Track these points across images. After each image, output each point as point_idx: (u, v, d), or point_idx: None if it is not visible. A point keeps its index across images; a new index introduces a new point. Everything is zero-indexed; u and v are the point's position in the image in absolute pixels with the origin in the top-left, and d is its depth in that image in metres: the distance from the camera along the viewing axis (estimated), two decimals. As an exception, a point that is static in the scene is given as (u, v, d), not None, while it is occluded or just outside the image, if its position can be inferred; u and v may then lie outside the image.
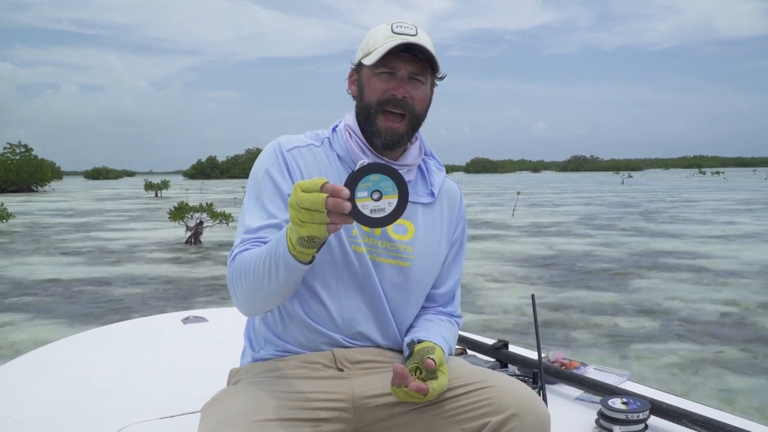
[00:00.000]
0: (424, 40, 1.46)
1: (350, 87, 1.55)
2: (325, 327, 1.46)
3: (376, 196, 1.18)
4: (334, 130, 1.57)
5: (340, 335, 1.47)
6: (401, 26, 1.47)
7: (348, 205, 1.14)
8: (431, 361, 1.33)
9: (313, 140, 1.54)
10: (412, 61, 1.45)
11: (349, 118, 1.55)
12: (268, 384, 1.39)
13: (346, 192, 1.14)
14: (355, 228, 1.46)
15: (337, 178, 1.49)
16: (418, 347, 1.41)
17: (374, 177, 1.18)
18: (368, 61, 1.46)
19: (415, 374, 1.34)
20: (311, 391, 1.39)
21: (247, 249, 1.39)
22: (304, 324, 1.46)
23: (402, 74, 1.46)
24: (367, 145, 1.50)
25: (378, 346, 1.51)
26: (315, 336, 1.46)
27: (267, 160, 1.50)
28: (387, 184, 1.18)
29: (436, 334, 1.48)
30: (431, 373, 1.33)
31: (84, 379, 2.10)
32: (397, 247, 1.49)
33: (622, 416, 1.62)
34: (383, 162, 1.24)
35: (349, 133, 1.52)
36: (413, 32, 1.46)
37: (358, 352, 1.48)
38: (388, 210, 1.19)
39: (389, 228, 1.48)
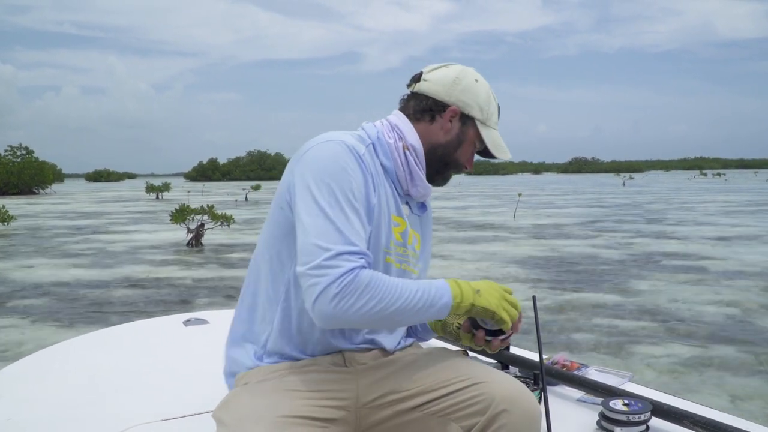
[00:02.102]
0: None
1: (446, 122, 1.54)
2: (334, 333, 1.46)
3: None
4: (378, 137, 1.52)
5: (349, 341, 1.48)
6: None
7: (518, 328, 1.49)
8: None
9: (362, 143, 1.48)
10: None
11: (413, 138, 1.52)
12: (278, 385, 1.40)
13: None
14: (392, 239, 1.49)
15: (382, 183, 1.47)
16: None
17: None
18: (484, 135, 1.55)
19: (459, 329, 1.53)
20: (320, 390, 1.40)
21: (364, 267, 1.31)
22: (313, 331, 1.45)
23: (474, 151, 1.60)
24: (424, 169, 1.55)
25: (383, 349, 1.53)
26: (324, 342, 1.46)
27: (349, 163, 1.40)
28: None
29: None
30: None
31: (85, 381, 2.10)
32: (416, 255, 1.57)
33: (623, 417, 1.61)
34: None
35: (412, 153, 1.52)
36: None
37: (366, 356, 1.49)
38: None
39: (410, 237, 1.55)
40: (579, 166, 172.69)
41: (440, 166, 1.56)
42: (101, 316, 7.33)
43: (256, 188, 48.95)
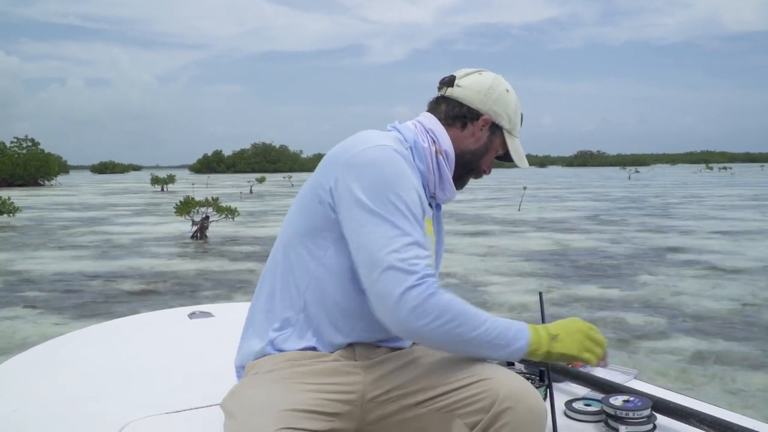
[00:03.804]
0: None
1: (477, 130, 1.57)
2: (349, 326, 1.46)
3: None
4: (414, 141, 1.52)
5: (363, 336, 1.47)
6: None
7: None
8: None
9: (403, 147, 1.48)
10: None
11: (446, 143, 1.55)
12: (287, 376, 1.39)
13: None
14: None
15: (420, 187, 1.46)
16: None
17: None
18: (510, 144, 1.60)
19: None
20: (327, 383, 1.39)
21: (439, 291, 1.33)
22: (329, 323, 1.45)
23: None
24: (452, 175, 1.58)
25: (399, 346, 1.52)
26: (340, 335, 1.46)
27: (407, 171, 1.41)
28: None
29: None
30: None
31: (90, 373, 2.10)
32: (431, 251, 1.56)
33: (621, 414, 1.60)
34: None
35: (445, 158, 1.55)
36: None
37: (376, 351, 1.49)
38: None
39: (432, 235, 1.58)
40: (584, 159, 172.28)
41: (463, 172, 1.60)
42: (106, 308, 7.35)
43: (261, 181, 49.03)
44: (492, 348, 1.34)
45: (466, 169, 1.60)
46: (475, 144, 1.57)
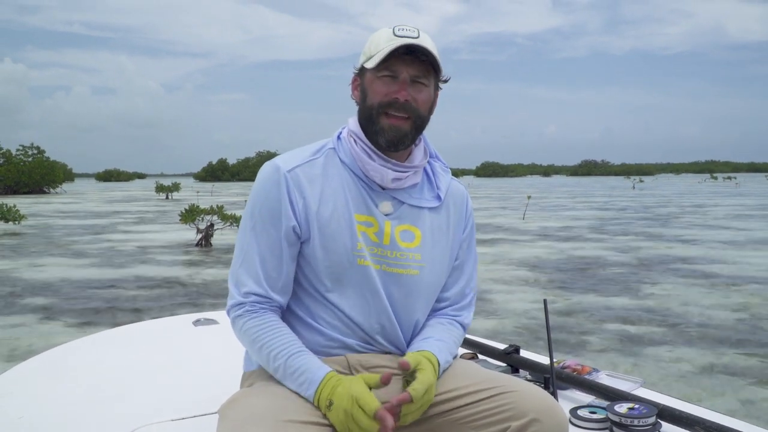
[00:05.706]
0: (426, 42, 1.45)
1: (353, 92, 1.54)
2: (338, 333, 1.46)
3: None
4: (338, 138, 1.55)
5: (354, 341, 1.47)
6: (403, 29, 1.46)
7: None
8: (406, 362, 1.36)
9: (312, 155, 1.51)
10: (414, 63, 1.45)
11: (353, 124, 1.54)
12: (283, 387, 1.39)
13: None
14: (361, 241, 1.46)
15: (340, 186, 1.48)
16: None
17: None
18: (370, 65, 1.46)
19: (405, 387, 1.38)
20: None
21: (254, 315, 1.45)
22: (318, 331, 1.46)
23: (404, 77, 1.45)
24: (373, 148, 1.49)
25: (389, 352, 1.51)
26: (328, 342, 1.46)
27: (268, 191, 1.47)
28: None
29: (430, 342, 1.49)
30: (410, 375, 1.37)
31: (95, 380, 2.10)
32: (406, 256, 1.49)
33: (626, 421, 1.60)
34: None
35: (354, 139, 1.51)
36: (415, 35, 1.45)
37: (372, 356, 1.48)
38: None
39: (397, 236, 1.49)
40: (589, 168, 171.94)
41: (370, 127, 1.49)
42: (111, 315, 7.36)
43: (265, 189, 48.83)
44: (281, 378, 1.39)
45: (369, 122, 1.49)
46: (359, 98, 1.53)
